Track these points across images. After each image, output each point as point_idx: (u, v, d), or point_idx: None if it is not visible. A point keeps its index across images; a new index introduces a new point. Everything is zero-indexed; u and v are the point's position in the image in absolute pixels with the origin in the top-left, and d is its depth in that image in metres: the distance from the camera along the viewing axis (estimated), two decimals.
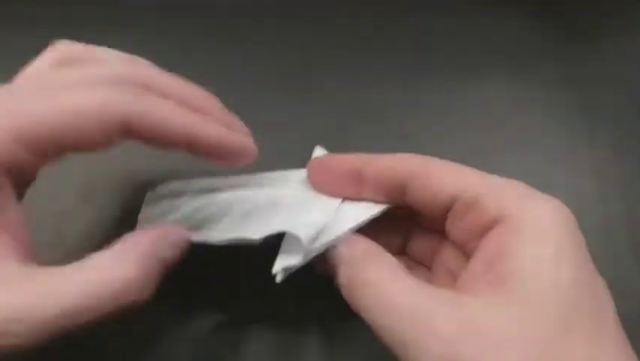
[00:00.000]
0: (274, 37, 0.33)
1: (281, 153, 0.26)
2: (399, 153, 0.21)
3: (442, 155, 0.30)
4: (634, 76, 0.33)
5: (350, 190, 0.22)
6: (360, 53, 0.33)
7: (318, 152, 0.26)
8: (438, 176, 0.20)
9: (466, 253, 0.20)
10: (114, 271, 0.17)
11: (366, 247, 0.20)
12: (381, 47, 0.33)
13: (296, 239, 0.19)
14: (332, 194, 0.22)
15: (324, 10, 0.35)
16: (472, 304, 0.17)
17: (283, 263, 0.20)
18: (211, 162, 0.21)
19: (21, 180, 0.18)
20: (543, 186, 0.30)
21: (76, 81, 0.19)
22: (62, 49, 0.21)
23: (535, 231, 0.17)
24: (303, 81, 0.32)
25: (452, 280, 0.21)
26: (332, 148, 0.26)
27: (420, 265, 0.23)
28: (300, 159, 0.25)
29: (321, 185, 0.22)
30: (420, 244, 0.23)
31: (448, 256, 0.22)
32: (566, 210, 0.18)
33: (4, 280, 0.16)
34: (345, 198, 0.22)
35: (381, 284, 0.18)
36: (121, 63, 0.21)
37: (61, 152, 0.18)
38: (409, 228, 0.23)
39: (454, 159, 0.30)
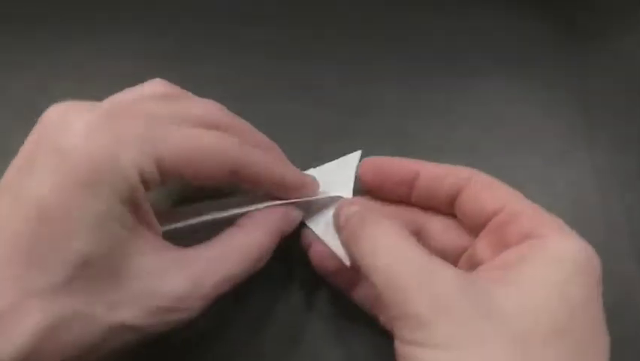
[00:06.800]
0: (274, 37, 0.33)
1: None
2: (448, 165, 0.23)
3: (442, 154, 0.30)
4: (634, 76, 0.33)
5: (401, 193, 0.24)
6: (361, 52, 0.33)
7: (354, 156, 0.26)
8: (486, 191, 0.21)
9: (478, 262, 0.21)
10: (250, 243, 0.21)
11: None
12: (381, 47, 0.33)
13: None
14: (382, 194, 0.24)
15: (324, 10, 0.35)
16: (476, 279, 0.18)
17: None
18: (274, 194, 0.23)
19: None
20: (543, 186, 0.30)
21: (186, 118, 0.20)
22: (160, 84, 0.22)
23: (557, 259, 0.18)
24: (302, 81, 0.32)
25: None
26: (332, 148, 0.26)
27: None
28: (300, 159, 0.26)
29: (372, 184, 0.24)
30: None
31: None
32: (592, 253, 0.19)
33: (166, 266, 0.19)
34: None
35: (382, 225, 0.20)
36: (206, 105, 0.22)
37: (173, 181, 0.20)
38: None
39: (454, 159, 0.30)
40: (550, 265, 0.18)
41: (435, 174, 0.23)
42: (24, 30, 0.33)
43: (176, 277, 0.19)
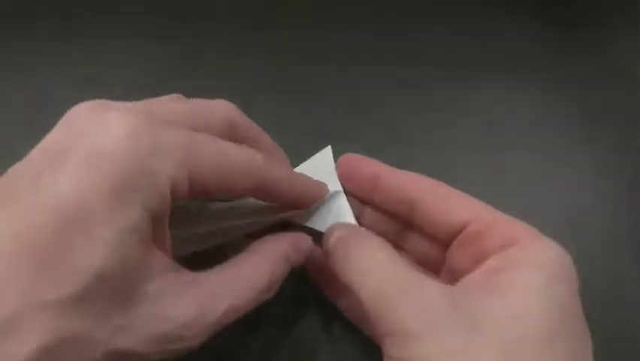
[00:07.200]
0: (274, 38, 0.33)
1: None
2: (413, 173, 0.23)
3: (442, 154, 0.30)
4: (634, 76, 0.33)
5: (365, 191, 0.24)
6: (360, 52, 0.33)
7: (327, 152, 0.26)
8: (452, 201, 0.22)
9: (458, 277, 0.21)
10: (261, 272, 0.20)
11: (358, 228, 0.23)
12: (381, 47, 0.33)
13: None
14: (350, 187, 0.25)
15: (325, 10, 0.35)
16: (458, 290, 0.18)
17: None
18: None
19: None
20: (543, 185, 0.30)
21: (215, 124, 0.20)
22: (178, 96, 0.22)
23: (537, 263, 0.18)
24: (303, 81, 0.32)
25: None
26: (332, 148, 0.26)
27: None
28: (300, 159, 0.26)
29: (345, 177, 0.25)
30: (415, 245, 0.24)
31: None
32: (569, 257, 0.19)
33: (175, 290, 0.18)
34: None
35: (369, 244, 0.20)
36: (226, 106, 0.22)
37: (199, 195, 0.19)
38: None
39: (454, 159, 0.30)
40: (533, 269, 0.18)
41: (397, 179, 0.23)
42: (24, 31, 0.33)
43: (183, 302, 0.18)
